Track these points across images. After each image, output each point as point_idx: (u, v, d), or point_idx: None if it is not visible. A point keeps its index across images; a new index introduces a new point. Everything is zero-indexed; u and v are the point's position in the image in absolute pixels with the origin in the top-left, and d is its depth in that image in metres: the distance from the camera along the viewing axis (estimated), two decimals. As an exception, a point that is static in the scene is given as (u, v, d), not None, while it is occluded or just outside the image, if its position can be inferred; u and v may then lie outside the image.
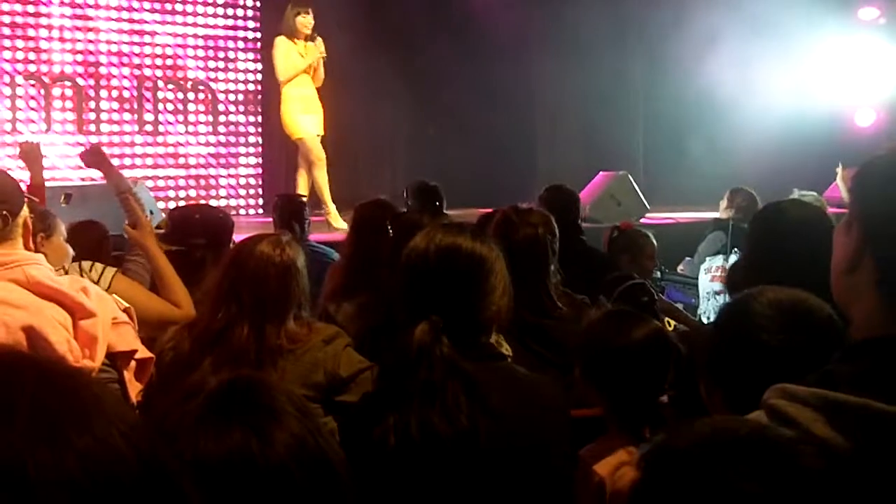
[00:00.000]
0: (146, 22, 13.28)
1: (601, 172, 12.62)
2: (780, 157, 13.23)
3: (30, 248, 3.34)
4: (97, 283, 4.13)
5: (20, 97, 12.37)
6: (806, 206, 4.07)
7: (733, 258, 7.63)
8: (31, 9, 12.43)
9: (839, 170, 10.81)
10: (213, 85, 13.83)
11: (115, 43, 13.03)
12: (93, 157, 6.22)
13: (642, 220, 11.59)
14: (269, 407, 1.79)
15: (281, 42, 10.95)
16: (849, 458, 1.50)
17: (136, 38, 13.21)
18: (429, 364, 2.65)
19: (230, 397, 1.80)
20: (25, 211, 3.31)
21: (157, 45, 13.39)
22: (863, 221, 1.76)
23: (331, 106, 11.65)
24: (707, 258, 8.19)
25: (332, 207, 11.14)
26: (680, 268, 8.99)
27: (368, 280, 4.69)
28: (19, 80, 12.38)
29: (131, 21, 13.16)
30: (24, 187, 3.78)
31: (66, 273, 4.18)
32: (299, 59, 10.90)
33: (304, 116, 11.04)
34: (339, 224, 10.85)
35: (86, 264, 4.37)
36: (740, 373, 2.30)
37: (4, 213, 3.20)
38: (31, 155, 6.31)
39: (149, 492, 1.04)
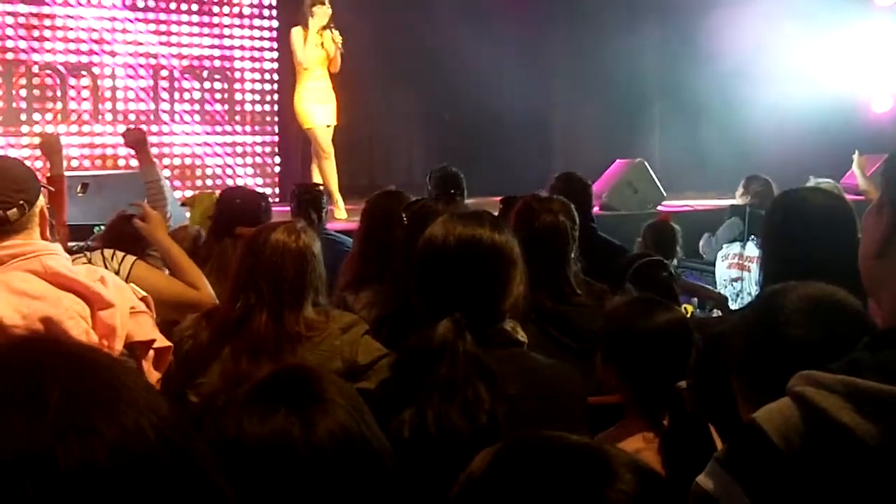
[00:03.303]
0: (162, 11, 13.28)
1: (617, 160, 12.62)
2: (797, 144, 13.21)
3: (46, 237, 3.34)
4: (118, 270, 4.17)
5: (37, 87, 12.39)
6: (826, 192, 4.06)
7: (750, 245, 7.62)
8: (48, -1, 12.46)
9: (855, 157, 10.76)
10: (229, 75, 13.83)
11: (131, 32, 13.04)
12: (134, 137, 6.29)
13: (659, 208, 11.58)
14: (317, 395, 1.80)
15: (297, 32, 11.02)
16: (875, 445, 1.49)
17: (152, 28, 13.21)
18: (451, 361, 2.63)
19: (280, 383, 1.81)
20: (42, 200, 3.31)
21: (174, 34, 13.39)
22: (893, 205, 1.73)
23: (346, 94, 11.68)
24: (724, 245, 8.18)
25: (337, 197, 11.19)
26: (701, 243, 8.97)
27: (382, 269, 4.70)
28: (36, 69, 12.40)
29: (146, 10, 13.16)
30: (42, 178, 3.80)
31: (90, 261, 4.21)
32: (316, 48, 10.97)
33: (317, 106, 11.10)
34: (341, 216, 10.92)
35: (108, 252, 4.41)
36: (774, 370, 2.28)
37: (21, 202, 3.19)
38: (50, 146, 6.32)
39: (179, 483, 1.04)
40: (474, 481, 1.34)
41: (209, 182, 13.33)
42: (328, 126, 11.27)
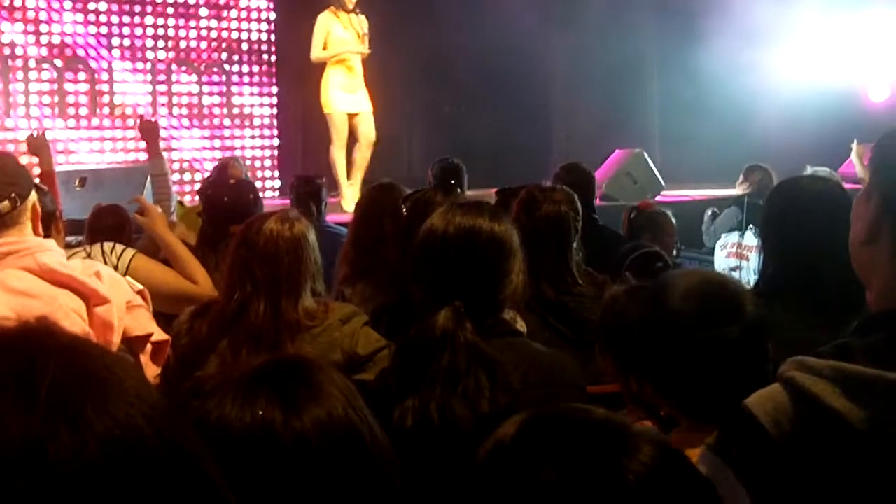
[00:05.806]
0: (158, 4, 13.27)
1: (617, 150, 12.62)
2: (795, 134, 13.21)
3: (39, 233, 3.31)
4: (116, 264, 4.16)
5: (33, 81, 12.38)
6: (822, 180, 4.07)
7: (749, 234, 7.63)
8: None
9: (854, 145, 10.77)
10: (226, 66, 13.81)
11: (127, 25, 13.03)
12: (148, 129, 6.30)
13: (658, 198, 11.58)
14: (307, 384, 1.78)
15: (322, 19, 11.04)
16: (864, 429, 1.50)
17: (148, 20, 13.20)
18: (452, 350, 2.64)
19: (271, 371, 1.81)
20: (34, 195, 3.28)
21: (170, 27, 13.38)
22: (882, 192, 1.74)
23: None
24: (723, 234, 8.19)
25: (345, 190, 11.14)
26: (708, 213, 8.99)
27: (375, 262, 4.71)
28: (32, 63, 12.39)
29: (144, 3, 13.15)
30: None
31: (89, 255, 4.20)
32: (339, 36, 10.97)
33: (340, 93, 11.06)
34: (350, 208, 10.88)
35: (107, 246, 4.40)
36: (665, 362, 2.36)
37: (13, 195, 3.16)
38: (38, 144, 6.32)
39: (172, 474, 1.04)
40: (503, 446, 1.36)
41: (207, 175, 13.30)
42: (349, 114, 11.24)
